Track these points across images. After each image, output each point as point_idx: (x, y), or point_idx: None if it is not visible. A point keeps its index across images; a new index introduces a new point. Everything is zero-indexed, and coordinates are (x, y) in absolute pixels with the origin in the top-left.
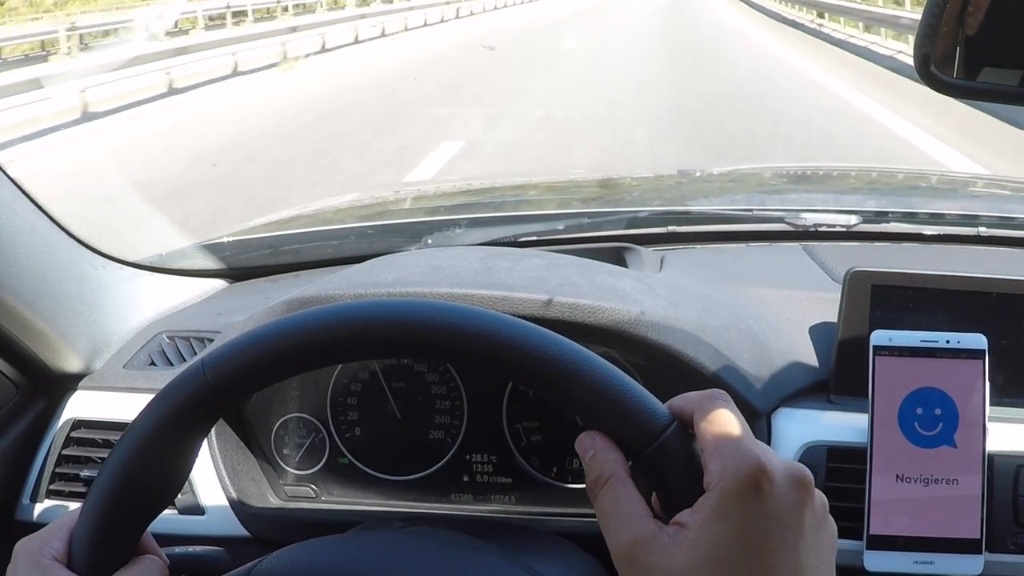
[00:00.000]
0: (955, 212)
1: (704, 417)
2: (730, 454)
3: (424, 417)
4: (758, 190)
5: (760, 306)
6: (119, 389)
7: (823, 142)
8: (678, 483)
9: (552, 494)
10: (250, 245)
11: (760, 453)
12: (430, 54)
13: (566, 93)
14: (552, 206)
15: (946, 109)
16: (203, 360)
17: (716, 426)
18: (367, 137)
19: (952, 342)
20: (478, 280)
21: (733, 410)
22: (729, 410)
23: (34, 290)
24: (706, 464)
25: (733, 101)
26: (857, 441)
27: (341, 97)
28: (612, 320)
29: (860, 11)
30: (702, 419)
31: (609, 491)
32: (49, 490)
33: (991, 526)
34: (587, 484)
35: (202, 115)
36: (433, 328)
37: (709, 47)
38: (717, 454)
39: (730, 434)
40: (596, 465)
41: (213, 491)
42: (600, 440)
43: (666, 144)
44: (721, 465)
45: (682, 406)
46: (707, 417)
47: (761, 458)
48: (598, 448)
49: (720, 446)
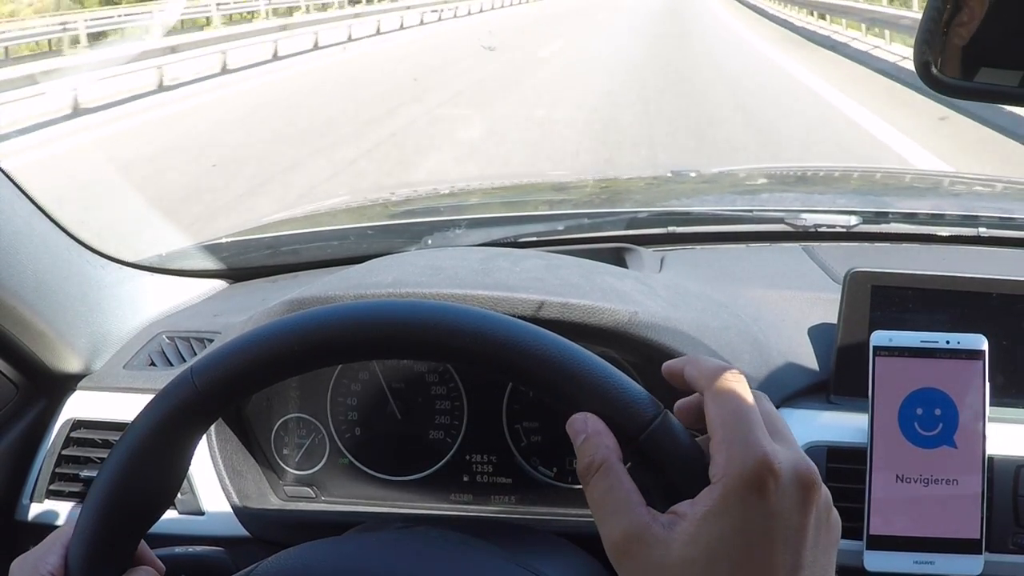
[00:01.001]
0: (955, 212)
1: (715, 397)
2: (737, 447)
3: (424, 417)
4: (758, 190)
5: (760, 306)
6: (119, 389)
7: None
8: (677, 471)
9: (552, 494)
10: (250, 246)
11: (768, 449)
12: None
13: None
14: (552, 206)
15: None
16: (192, 367)
17: (726, 411)
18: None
19: (952, 343)
20: (478, 281)
21: (745, 391)
22: (741, 392)
23: (34, 290)
24: (712, 453)
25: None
26: (857, 441)
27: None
28: (612, 320)
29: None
30: (713, 399)
31: (601, 478)
32: (49, 490)
33: (991, 526)
34: (578, 470)
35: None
36: (423, 328)
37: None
38: (724, 445)
39: (739, 422)
40: (588, 450)
41: (213, 491)
42: (592, 423)
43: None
44: (727, 458)
45: (695, 376)
46: (718, 398)
47: (769, 455)
48: (590, 432)
49: (728, 436)
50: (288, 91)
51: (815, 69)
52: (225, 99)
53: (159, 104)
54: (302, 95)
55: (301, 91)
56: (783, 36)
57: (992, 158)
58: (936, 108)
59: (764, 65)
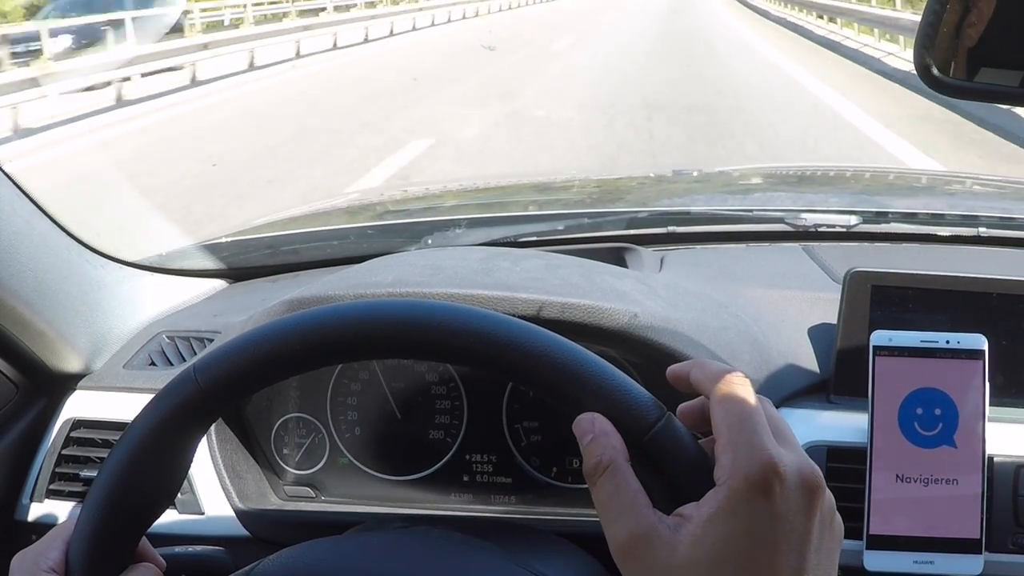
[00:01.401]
0: (955, 212)
1: (720, 400)
2: (743, 449)
3: (424, 417)
4: (758, 190)
5: (760, 306)
6: (119, 389)
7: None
8: (682, 474)
9: (552, 494)
10: (250, 245)
11: (773, 452)
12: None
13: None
14: (552, 206)
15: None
16: (194, 365)
17: (731, 415)
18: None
19: (952, 342)
20: (478, 280)
21: (750, 395)
22: (746, 395)
23: (34, 290)
24: (717, 455)
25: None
26: (857, 441)
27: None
28: (612, 320)
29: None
30: (718, 402)
31: (608, 479)
32: (49, 490)
33: (991, 526)
34: (585, 470)
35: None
36: (425, 328)
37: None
38: (729, 447)
39: (744, 426)
40: (595, 450)
41: (213, 491)
42: (599, 423)
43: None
44: (732, 460)
45: (700, 380)
46: (723, 401)
47: (774, 457)
48: (597, 432)
49: (733, 439)
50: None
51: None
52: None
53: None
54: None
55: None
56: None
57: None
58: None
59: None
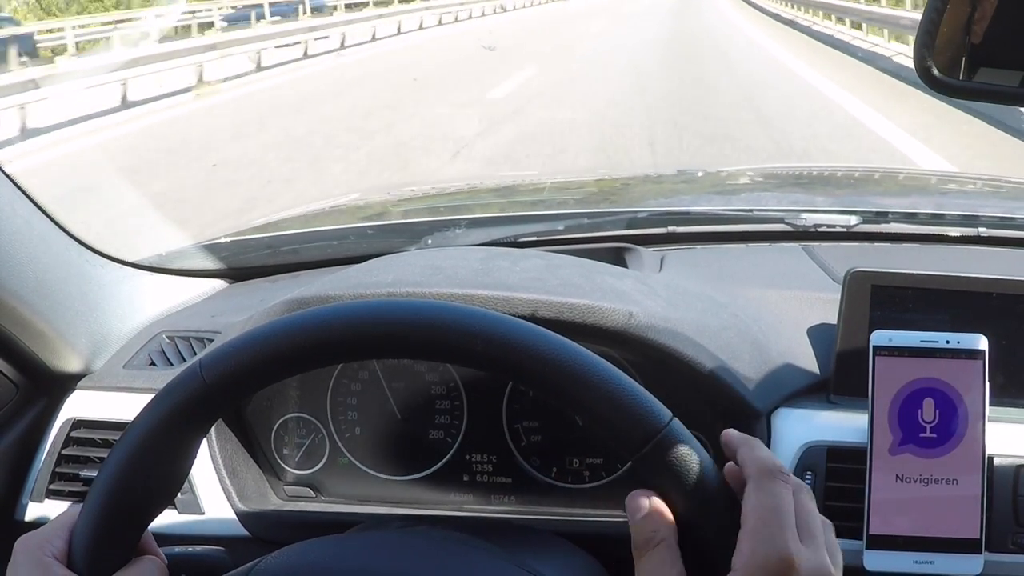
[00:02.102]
0: (955, 212)
1: (758, 489)
2: (764, 542)
3: (424, 417)
4: (758, 190)
5: (760, 306)
6: (119, 389)
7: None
8: (685, 476)
9: (552, 494)
10: (250, 245)
11: (793, 549)
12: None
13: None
14: (552, 206)
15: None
16: (200, 361)
17: (763, 507)
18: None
19: (952, 342)
20: (478, 280)
21: (787, 494)
22: (783, 493)
23: (34, 290)
24: (739, 540)
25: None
26: (857, 441)
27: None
28: (612, 320)
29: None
30: (755, 490)
31: (656, 554)
32: (49, 490)
33: (991, 526)
34: (634, 542)
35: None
36: (429, 328)
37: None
38: (752, 535)
39: (771, 519)
40: (649, 525)
41: (213, 491)
42: (654, 501)
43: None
44: (751, 550)
45: (745, 461)
46: (760, 491)
47: (793, 555)
48: (651, 509)
49: (758, 528)
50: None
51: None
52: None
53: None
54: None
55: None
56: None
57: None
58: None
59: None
